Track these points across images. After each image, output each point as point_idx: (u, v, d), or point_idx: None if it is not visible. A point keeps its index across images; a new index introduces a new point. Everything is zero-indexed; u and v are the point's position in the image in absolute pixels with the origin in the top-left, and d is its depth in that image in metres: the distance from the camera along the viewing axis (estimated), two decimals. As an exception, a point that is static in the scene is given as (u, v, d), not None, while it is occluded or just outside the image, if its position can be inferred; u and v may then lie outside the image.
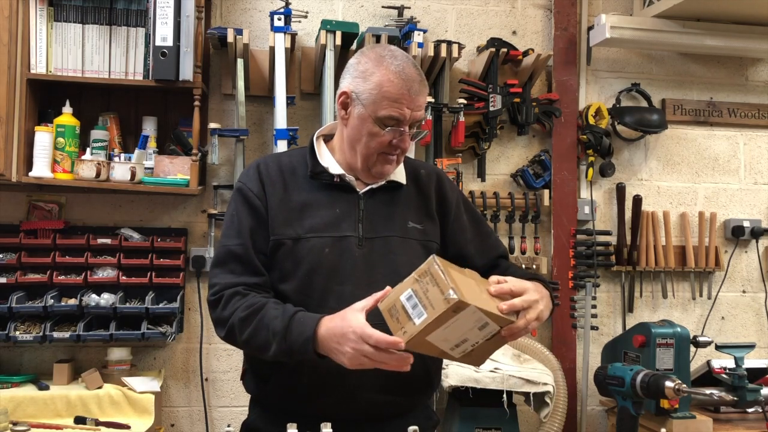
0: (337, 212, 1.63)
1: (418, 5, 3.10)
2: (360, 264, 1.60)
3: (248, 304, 1.52)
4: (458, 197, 1.80)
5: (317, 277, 1.59)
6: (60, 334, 2.63)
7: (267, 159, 1.73)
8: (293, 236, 1.61)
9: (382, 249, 1.63)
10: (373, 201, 1.67)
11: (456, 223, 1.76)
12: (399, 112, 1.57)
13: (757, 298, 3.36)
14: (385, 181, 1.68)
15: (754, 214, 3.36)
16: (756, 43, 3.11)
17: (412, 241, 1.67)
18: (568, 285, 3.11)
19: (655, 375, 1.98)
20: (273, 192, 1.64)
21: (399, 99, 1.57)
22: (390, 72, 1.57)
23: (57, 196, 2.84)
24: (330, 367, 1.51)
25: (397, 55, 1.62)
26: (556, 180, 3.12)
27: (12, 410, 2.42)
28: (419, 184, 1.75)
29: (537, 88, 3.17)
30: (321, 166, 1.66)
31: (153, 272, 2.77)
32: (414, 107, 1.59)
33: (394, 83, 1.57)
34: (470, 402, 2.59)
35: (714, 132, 3.36)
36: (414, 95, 1.58)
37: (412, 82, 1.58)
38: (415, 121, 1.61)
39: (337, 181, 1.66)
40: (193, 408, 2.92)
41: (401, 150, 1.63)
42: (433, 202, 1.74)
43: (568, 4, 3.16)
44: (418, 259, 1.58)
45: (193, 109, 2.65)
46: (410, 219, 1.69)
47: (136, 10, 2.67)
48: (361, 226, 1.63)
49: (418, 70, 1.62)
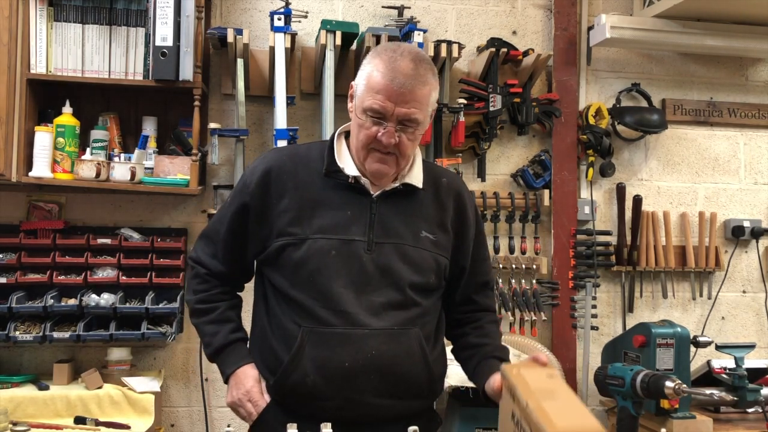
0: (348, 214, 1.61)
1: (418, 5, 3.10)
2: (367, 269, 1.58)
3: (203, 300, 1.73)
4: (476, 218, 1.77)
5: (322, 279, 1.57)
6: (60, 334, 2.62)
7: (283, 154, 1.69)
8: (301, 236, 1.59)
9: (392, 256, 1.60)
10: (386, 205, 1.63)
11: (465, 244, 1.73)
12: (380, 105, 1.52)
13: (757, 298, 3.36)
14: (400, 184, 1.64)
15: (754, 214, 3.36)
16: (756, 43, 3.11)
17: (424, 252, 1.64)
18: (568, 285, 3.11)
19: (655, 375, 1.98)
20: (281, 194, 1.62)
21: (381, 91, 1.52)
22: (380, 63, 1.53)
23: (57, 196, 2.84)
24: (335, 369, 1.53)
25: (400, 49, 1.56)
26: (556, 180, 3.12)
27: (12, 410, 2.42)
28: (438, 192, 1.70)
29: (537, 88, 3.16)
30: (337, 165, 1.63)
31: (153, 272, 2.76)
32: (399, 101, 1.51)
33: (380, 74, 1.52)
34: (470, 402, 2.58)
35: (714, 132, 3.36)
36: (398, 88, 1.50)
37: (399, 74, 1.51)
38: (402, 117, 1.53)
39: (352, 182, 1.62)
40: (193, 408, 2.92)
41: (384, 146, 1.55)
42: (450, 215, 1.70)
43: (568, 4, 3.16)
44: (426, 271, 1.62)
45: (193, 109, 2.65)
46: (423, 228, 1.65)
47: (136, 10, 2.67)
48: (372, 230, 1.61)
49: (419, 66, 1.54)
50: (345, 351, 1.55)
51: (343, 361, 1.55)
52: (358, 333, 1.56)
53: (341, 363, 1.55)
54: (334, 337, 1.56)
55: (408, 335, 1.60)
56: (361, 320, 1.56)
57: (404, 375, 1.59)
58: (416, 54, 1.56)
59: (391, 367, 1.58)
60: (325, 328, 1.56)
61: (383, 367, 1.57)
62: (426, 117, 1.59)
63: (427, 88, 1.55)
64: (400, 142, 1.55)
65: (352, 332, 1.56)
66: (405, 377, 1.60)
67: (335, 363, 1.55)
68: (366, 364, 1.55)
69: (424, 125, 1.59)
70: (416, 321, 1.62)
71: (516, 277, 3.07)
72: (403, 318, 1.60)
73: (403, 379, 1.59)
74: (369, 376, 1.56)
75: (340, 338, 1.56)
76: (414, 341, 1.61)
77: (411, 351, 1.60)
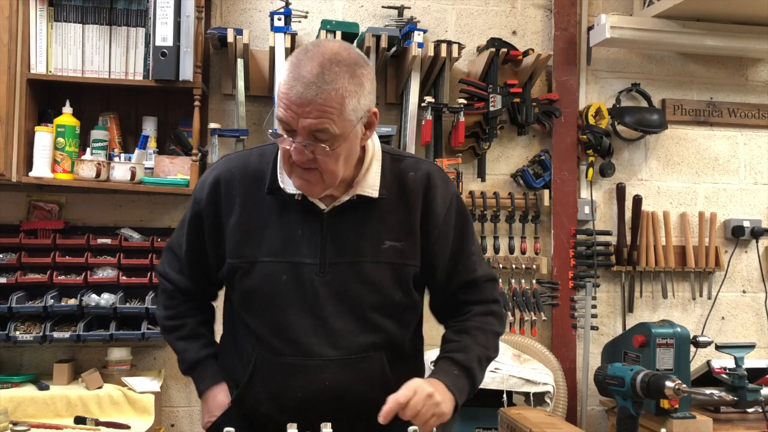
0: (298, 233, 1.46)
1: (418, 5, 3.10)
2: (321, 294, 1.46)
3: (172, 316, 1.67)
4: (451, 210, 1.55)
5: (274, 307, 1.47)
6: (60, 334, 2.62)
7: (232, 166, 1.54)
8: (250, 258, 1.48)
9: (348, 276, 1.46)
10: (340, 220, 1.47)
11: (437, 244, 1.54)
12: (282, 113, 1.34)
13: (757, 298, 3.36)
14: (353, 195, 1.47)
15: (754, 214, 3.36)
16: (756, 43, 3.11)
17: (384, 266, 1.48)
18: (568, 285, 3.11)
19: (655, 375, 1.98)
20: (230, 211, 1.50)
21: (282, 99, 1.34)
22: (287, 67, 1.36)
23: (57, 196, 2.84)
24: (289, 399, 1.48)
25: (312, 50, 1.35)
26: (556, 180, 3.12)
27: (12, 410, 2.42)
28: (404, 192, 1.52)
29: (537, 88, 3.16)
30: (278, 183, 1.47)
31: (153, 272, 2.76)
32: (301, 113, 1.31)
33: (283, 81, 1.35)
34: (470, 402, 2.55)
35: (714, 132, 3.36)
36: (297, 97, 1.31)
37: (298, 82, 1.31)
38: (308, 129, 1.32)
39: (299, 199, 1.47)
40: (193, 408, 2.92)
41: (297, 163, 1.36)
42: (417, 215, 1.51)
43: (568, 4, 3.16)
44: (388, 289, 1.49)
45: (193, 109, 2.65)
46: (387, 237, 1.48)
47: (136, 10, 2.67)
48: (324, 250, 1.46)
49: (326, 70, 1.31)
50: (298, 382, 1.47)
51: (296, 392, 1.47)
52: (311, 364, 1.46)
53: (294, 393, 1.47)
54: (287, 367, 1.47)
55: (369, 361, 1.49)
56: (315, 350, 1.46)
57: (364, 403, 1.46)
58: (330, 57, 1.33)
59: (349, 395, 1.48)
60: (278, 357, 1.48)
61: (340, 396, 1.47)
62: (347, 127, 1.35)
63: (336, 95, 1.31)
64: (316, 159, 1.35)
65: (305, 363, 1.46)
66: (365, 405, 1.45)
67: (289, 393, 1.48)
68: (320, 394, 1.47)
69: (345, 136, 1.36)
70: (380, 345, 1.50)
71: (516, 277, 3.08)
72: (364, 343, 1.48)
73: (363, 405, 1.46)
74: (326, 404, 1.47)
75: (292, 369, 1.47)
76: (376, 367, 1.50)
77: (371, 378, 1.49)
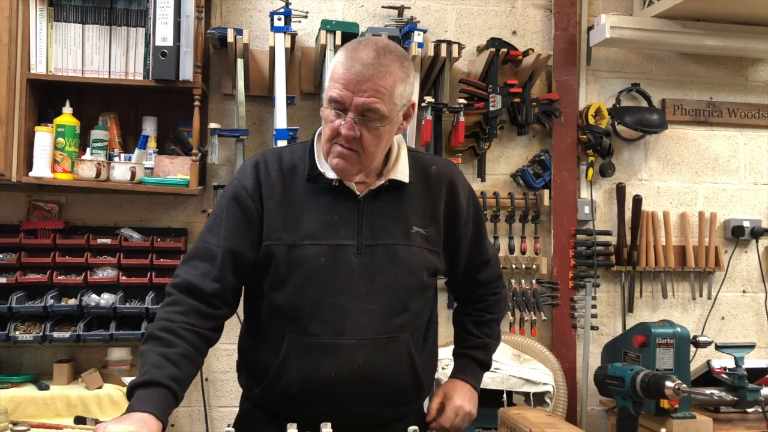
0: (335, 218, 1.55)
1: (418, 5, 3.10)
2: (357, 274, 1.54)
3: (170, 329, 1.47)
4: (471, 200, 1.71)
5: (311, 288, 1.53)
6: (60, 334, 2.63)
7: (268, 156, 1.62)
8: (288, 242, 1.54)
9: (383, 258, 1.56)
10: (374, 204, 1.58)
11: (461, 232, 1.69)
12: (338, 93, 1.46)
13: (757, 298, 3.36)
14: (386, 180, 1.58)
15: (754, 214, 3.36)
16: (756, 43, 3.11)
17: (416, 249, 1.59)
18: (568, 285, 3.11)
19: (655, 375, 1.98)
20: (271, 194, 1.56)
21: (339, 80, 1.46)
22: (343, 54, 1.49)
23: (57, 196, 2.84)
24: (320, 380, 1.52)
25: (366, 40, 1.51)
26: (556, 180, 3.12)
27: (12, 410, 2.42)
28: (428, 182, 1.64)
29: (537, 88, 3.16)
30: (318, 169, 1.57)
31: (153, 272, 2.76)
32: (357, 90, 1.44)
33: (340, 63, 1.48)
34: (470, 402, 2.58)
35: (714, 132, 3.36)
36: (355, 76, 1.44)
37: (357, 63, 1.45)
38: (361, 107, 1.45)
39: (336, 185, 1.56)
40: (193, 408, 2.92)
41: (345, 139, 1.47)
42: (441, 205, 1.64)
43: (568, 4, 3.17)
44: (418, 271, 1.59)
45: (193, 109, 2.65)
46: (414, 223, 1.59)
47: (136, 10, 2.67)
48: (361, 233, 1.55)
49: (382, 56, 1.47)
50: (330, 362, 1.52)
51: (329, 372, 1.52)
52: (344, 343, 1.52)
53: (327, 374, 1.52)
54: (320, 347, 1.53)
55: (397, 342, 1.57)
56: (348, 330, 1.53)
57: (392, 384, 1.57)
58: (383, 45, 1.49)
59: (378, 377, 1.55)
60: (311, 338, 1.53)
61: (370, 377, 1.54)
62: (393, 111, 1.49)
63: (390, 78, 1.46)
64: (362, 137, 1.47)
65: (339, 343, 1.52)
66: (393, 386, 1.57)
67: (320, 374, 1.52)
68: (352, 374, 1.53)
69: (390, 119, 1.49)
70: (406, 326, 1.59)
71: (516, 277, 3.08)
72: (393, 325, 1.56)
73: (390, 387, 1.57)
74: (355, 386, 1.53)
75: (325, 349, 1.53)
76: (402, 348, 1.58)
77: (399, 359, 1.57)
